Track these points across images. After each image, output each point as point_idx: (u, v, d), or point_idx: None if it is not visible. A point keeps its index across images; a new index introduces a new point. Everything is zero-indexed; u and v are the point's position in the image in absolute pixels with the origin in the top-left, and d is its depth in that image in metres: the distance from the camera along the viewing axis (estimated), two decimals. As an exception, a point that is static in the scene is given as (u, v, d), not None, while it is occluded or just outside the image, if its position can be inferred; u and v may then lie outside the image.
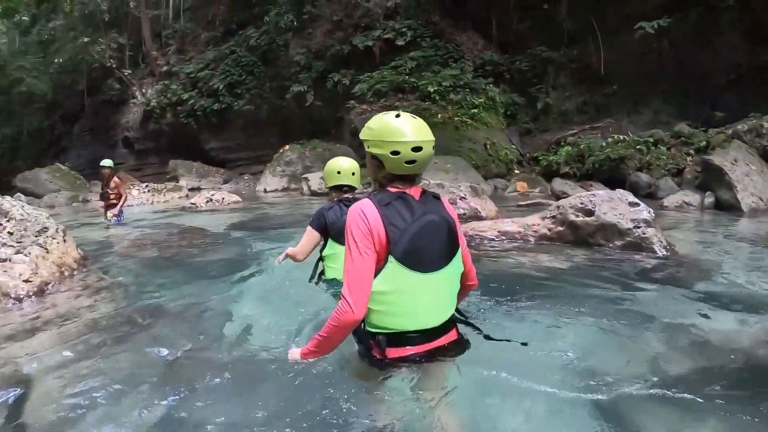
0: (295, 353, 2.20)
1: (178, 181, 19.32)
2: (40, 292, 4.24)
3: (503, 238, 5.85)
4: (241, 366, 2.66)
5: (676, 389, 2.24)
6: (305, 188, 14.84)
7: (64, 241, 5.06)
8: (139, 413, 2.19)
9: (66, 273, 4.74)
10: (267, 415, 2.12)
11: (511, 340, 2.35)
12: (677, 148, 12.19)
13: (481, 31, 18.75)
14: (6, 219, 4.75)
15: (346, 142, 17.24)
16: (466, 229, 6.08)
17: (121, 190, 9.41)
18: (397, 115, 2.04)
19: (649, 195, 10.38)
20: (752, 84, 12.98)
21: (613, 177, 11.71)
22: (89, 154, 26.05)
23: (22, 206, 5.04)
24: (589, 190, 8.37)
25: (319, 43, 20.61)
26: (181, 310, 3.74)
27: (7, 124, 31.93)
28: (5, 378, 2.64)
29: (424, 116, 14.25)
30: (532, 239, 5.75)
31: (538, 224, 5.84)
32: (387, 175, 2.08)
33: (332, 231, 3.41)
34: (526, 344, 2.35)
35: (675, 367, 2.53)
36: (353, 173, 3.52)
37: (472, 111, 15.65)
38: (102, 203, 9.74)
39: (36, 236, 4.74)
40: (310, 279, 3.65)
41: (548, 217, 5.84)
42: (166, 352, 2.88)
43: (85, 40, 25.69)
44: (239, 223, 9.18)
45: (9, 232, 4.63)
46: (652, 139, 12.52)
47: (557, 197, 10.12)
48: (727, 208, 8.51)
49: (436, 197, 2.13)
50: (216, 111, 22.40)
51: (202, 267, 5.48)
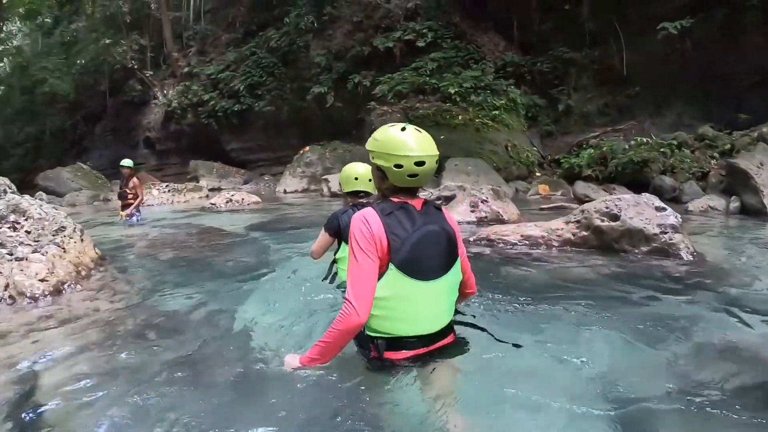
0: (293, 361, 2.23)
1: (198, 182, 19.50)
2: (57, 292, 4.19)
3: (526, 242, 5.78)
4: (251, 369, 2.61)
5: (702, 403, 2.16)
6: (325, 189, 14.84)
7: (82, 240, 5.02)
8: (147, 414, 2.18)
9: (83, 272, 4.70)
10: (274, 419, 2.09)
11: (509, 342, 2.40)
12: (701, 151, 11.97)
13: (502, 32, 18.62)
14: (24, 218, 4.71)
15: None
16: (489, 232, 6.01)
17: (139, 191, 9.54)
18: (403, 128, 2.09)
19: (673, 199, 10.23)
20: (777, 86, 12.65)
21: (636, 180, 11.52)
22: (111, 154, 26.37)
23: (40, 205, 4.99)
24: (613, 194, 8.22)
25: (339, 45, 20.65)
26: (196, 311, 3.74)
27: (31, 124, 32.68)
28: (17, 376, 2.64)
29: (444, 118, 14.14)
30: (555, 244, 5.67)
31: (562, 228, 5.74)
32: (390, 186, 2.15)
33: (345, 234, 3.42)
34: (520, 346, 2.41)
35: (701, 379, 2.42)
36: (370, 179, 3.49)
37: (493, 113, 15.55)
38: (120, 202, 9.82)
39: (53, 235, 4.70)
40: (324, 278, 3.72)
41: (572, 222, 5.74)
42: (177, 354, 2.87)
43: (107, 41, 26.19)
44: (258, 223, 9.16)
45: (26, 231, 4.60)
46: (675, 142, 12.26)
47: (580, 200, 9.99)
48: (753, 212, 8.33)
49: (438, 208, 2.21)
50: (237, 112, 22.59)
51: (220, 268, 5.45)
